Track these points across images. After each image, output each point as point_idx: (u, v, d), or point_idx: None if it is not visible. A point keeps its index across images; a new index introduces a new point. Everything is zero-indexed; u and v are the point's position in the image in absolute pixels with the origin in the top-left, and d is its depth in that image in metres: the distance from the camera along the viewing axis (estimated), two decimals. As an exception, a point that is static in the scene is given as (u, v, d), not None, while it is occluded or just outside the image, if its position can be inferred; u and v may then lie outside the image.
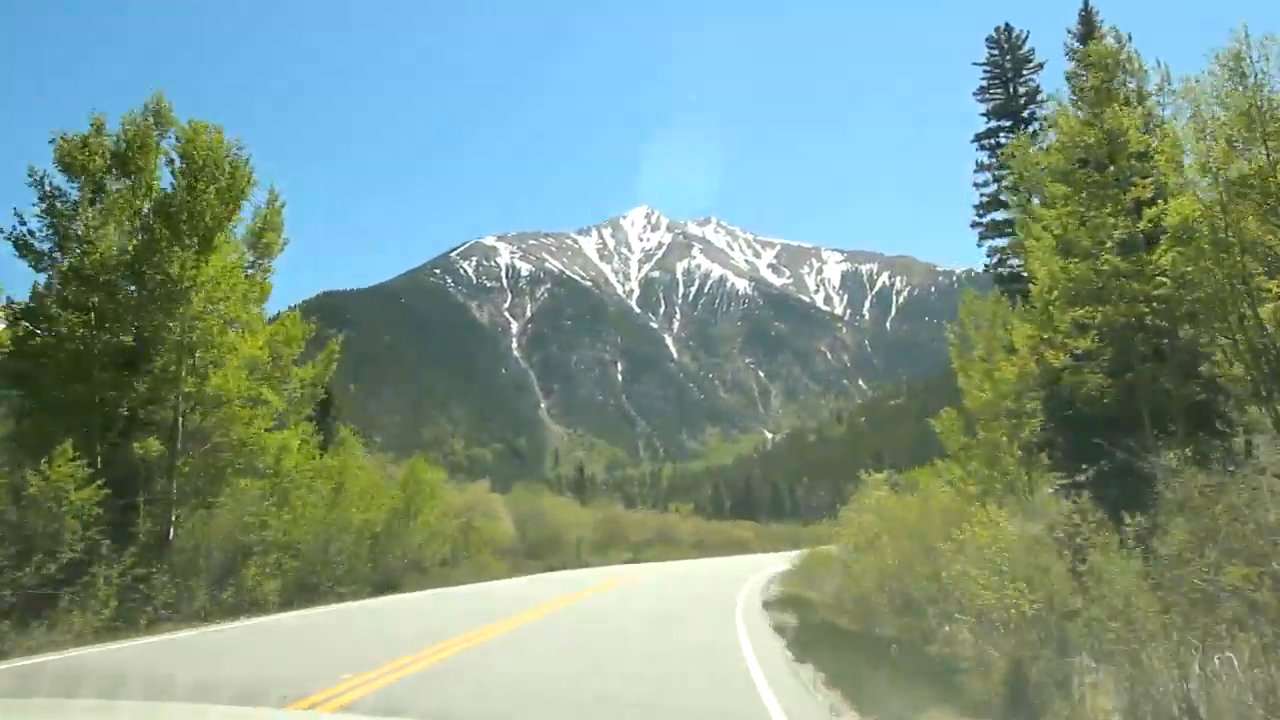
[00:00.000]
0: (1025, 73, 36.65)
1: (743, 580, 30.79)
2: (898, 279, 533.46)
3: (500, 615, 16.58)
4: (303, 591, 18.21)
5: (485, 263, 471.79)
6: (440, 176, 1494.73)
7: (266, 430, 16.33)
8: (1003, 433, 22.24)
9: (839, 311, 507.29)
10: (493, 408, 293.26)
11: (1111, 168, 15.72)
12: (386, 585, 21.61)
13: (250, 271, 17.97)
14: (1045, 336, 18.31)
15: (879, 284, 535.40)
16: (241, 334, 16.04)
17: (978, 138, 37.07)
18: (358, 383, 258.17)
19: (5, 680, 9.30)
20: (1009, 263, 36.30)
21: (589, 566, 40.38)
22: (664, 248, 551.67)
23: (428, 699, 8.33)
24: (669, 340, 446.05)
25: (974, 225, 36.73)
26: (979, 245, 36.97)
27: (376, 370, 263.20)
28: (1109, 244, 15.65)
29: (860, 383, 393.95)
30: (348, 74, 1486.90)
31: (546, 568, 35.42)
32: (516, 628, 14.95)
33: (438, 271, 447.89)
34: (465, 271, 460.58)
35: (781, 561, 53.53)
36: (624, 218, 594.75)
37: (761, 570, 37.60)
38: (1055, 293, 16.51)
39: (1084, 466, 21.15)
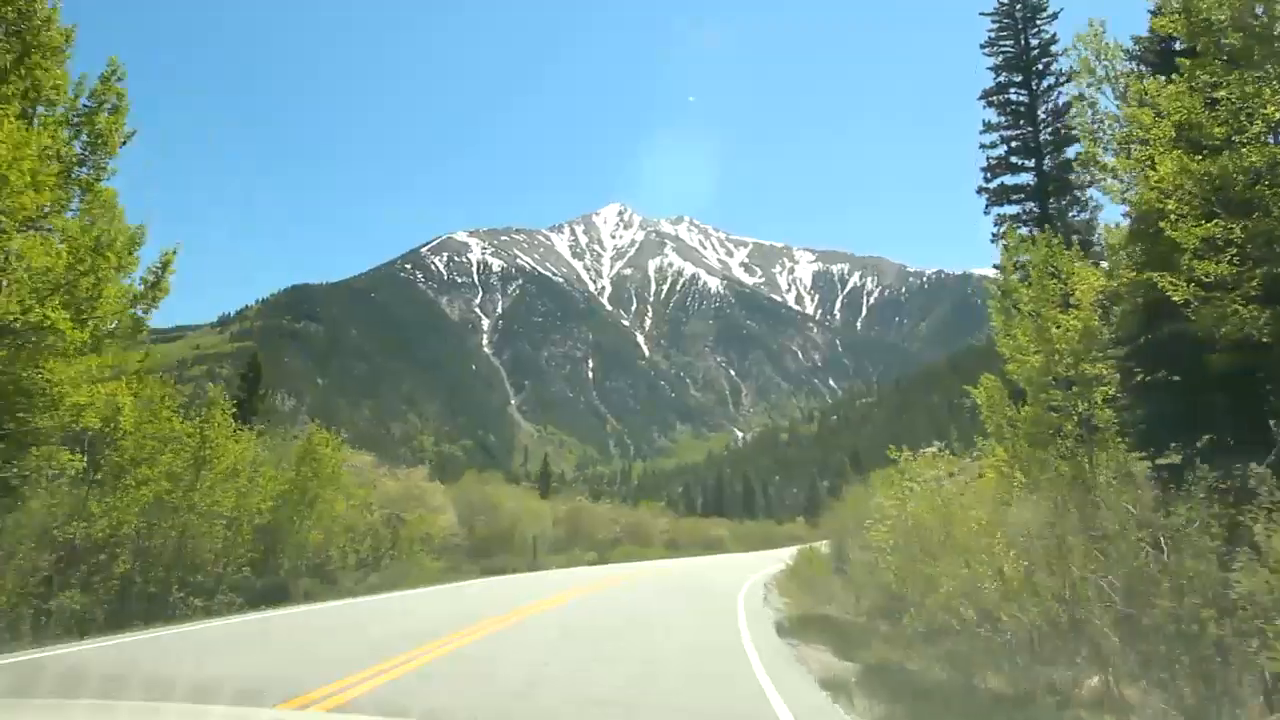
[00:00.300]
0: (1039, 21, 32.90)
1: (739, 580, 26.80)
2: (869, 279, 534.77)
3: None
4: (152, 606, 13.37)
5: (456, 258, 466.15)
6: (413, 172, 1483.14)
7: (73, 375, 11.28)
8: (1058, 405, 17.73)
9: (810, 311, 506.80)
10: (462, 404, 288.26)
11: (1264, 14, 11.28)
12: (273, 595, 16.66)
13: (85, 172, 13.24)
14: (1137, 277, 14.04)
15: (850, 284, 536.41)
16: (35, 238, 11.02)
17: (985, 94, 33.19)
18: (326, 378, 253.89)
19: None
20: (1021, 231, 32.63)
21: (543, 569, 34.60)
22: (636, 245, 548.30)
23: None
24: (640, 338, 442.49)
25: (979, 191, 32.93)
26: (985, 213, 33.23)
27: (345, 365, 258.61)
28: (1255, 128, 11.25)
29: (831, 382, 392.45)
30: (328, 72, 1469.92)
31: (491, 570, 29.83)
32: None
33: (408, 267, 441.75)
34: (436, 267, 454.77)
35: (765, 561, 48.50)
36: (597, 215, 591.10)
37: (751, 572, 33.24)
38: (1172, 202, 12.09)
39: (1173, 444, 16.92)
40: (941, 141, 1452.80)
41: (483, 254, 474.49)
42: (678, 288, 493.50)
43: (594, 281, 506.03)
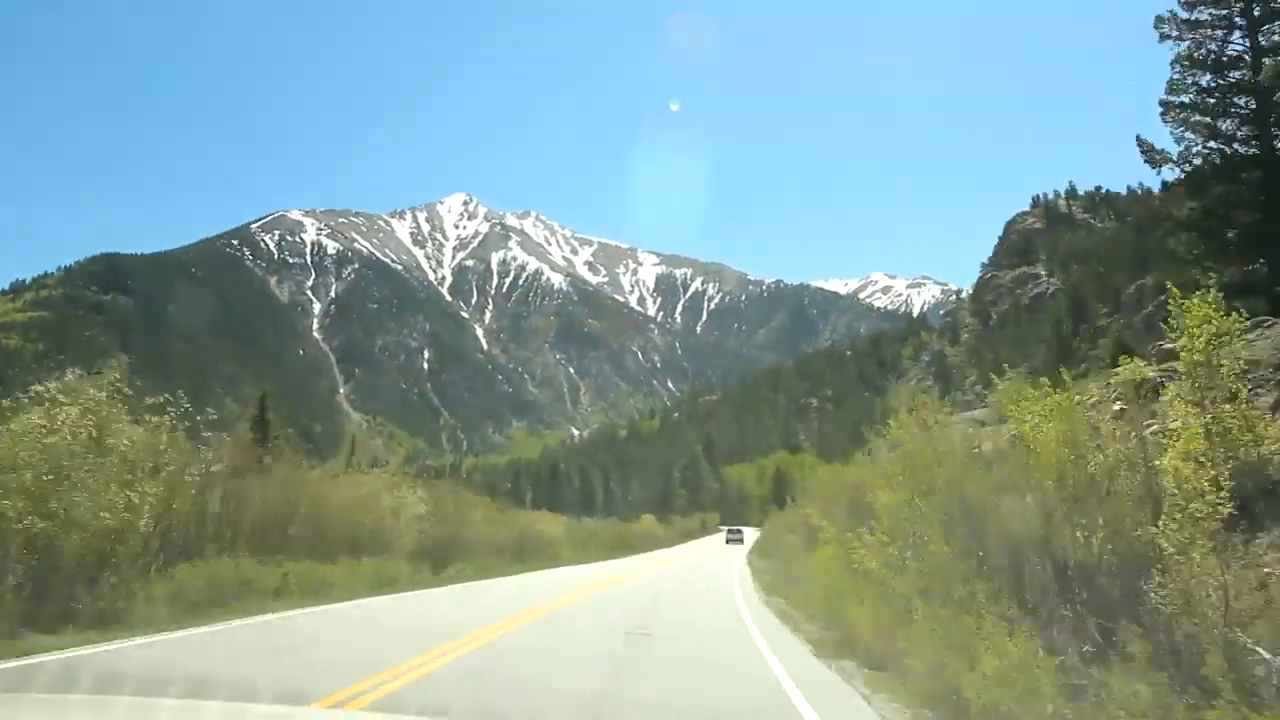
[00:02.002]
0: None
1: None
2: (710, 285, 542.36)
3: None
4: None
5: (289, 238, 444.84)
6: (246, 143, 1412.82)
7: None
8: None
9: (652, 313, 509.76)
10: (287, 390, 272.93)
11: None
12: None
13: None
14: None
15: (692, 289, 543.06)
16: None
17: None
18: (133, 354, 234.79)
19: None
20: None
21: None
22: (480, 237, 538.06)
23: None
24: (479, 331, 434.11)
25: (1158, 25, 23.53)
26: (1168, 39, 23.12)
27: (158, 343, 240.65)
28: None
29: (670, 384, 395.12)
30: (153, 14, 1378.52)
31: None
32: None
33: (235, 243, 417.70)
34: (266, 245, 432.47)
35: (664, 577, 33.57)
36: (441, 203, 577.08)
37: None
38: None
39: None
40: (787, 154, 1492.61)
41: (318, 235, 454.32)
42: (520, 282, 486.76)
43: (434, 271, 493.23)
